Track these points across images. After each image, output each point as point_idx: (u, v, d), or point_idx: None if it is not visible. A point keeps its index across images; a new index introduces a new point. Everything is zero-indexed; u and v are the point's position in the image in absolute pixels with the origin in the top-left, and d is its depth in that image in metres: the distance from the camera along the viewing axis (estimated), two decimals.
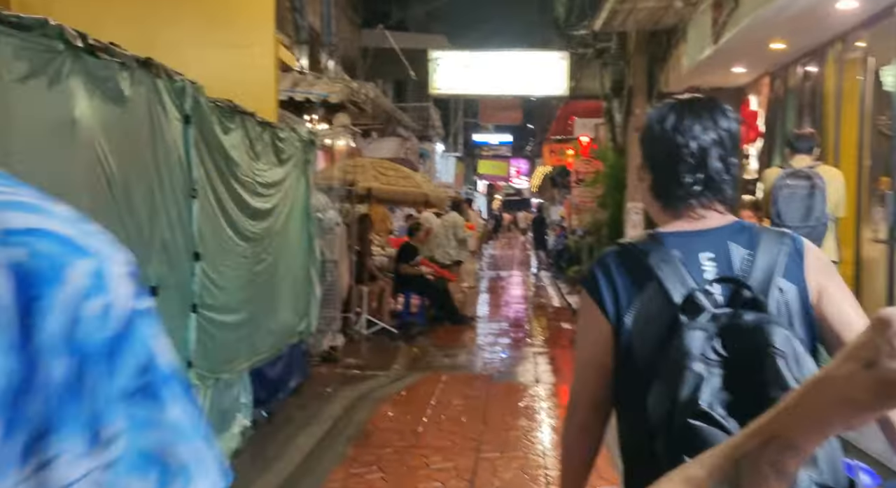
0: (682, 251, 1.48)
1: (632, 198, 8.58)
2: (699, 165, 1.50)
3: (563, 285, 17.23)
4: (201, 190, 4.73)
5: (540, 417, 6.18)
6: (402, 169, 10.09)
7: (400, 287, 10.98)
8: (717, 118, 1.51)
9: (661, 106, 1.56)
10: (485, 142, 36.80)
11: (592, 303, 1.51)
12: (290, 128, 7.01)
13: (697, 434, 1.27)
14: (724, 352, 1.33)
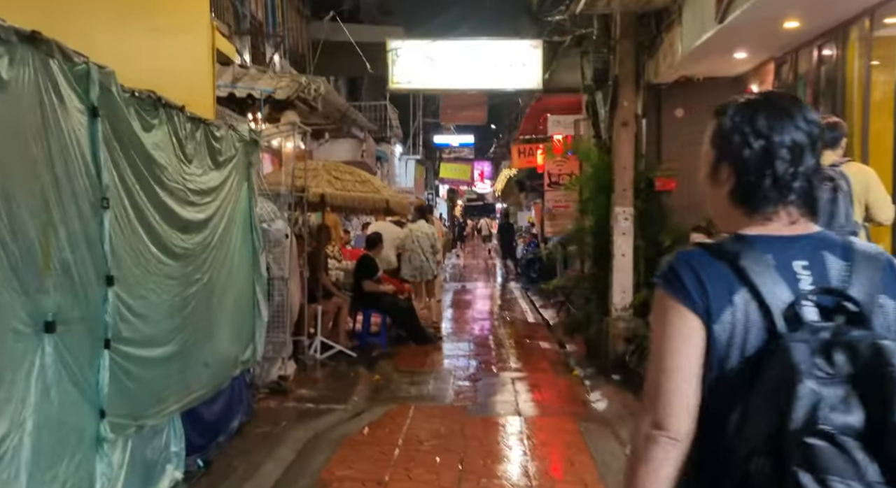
0: (775, 257, 1.48)
1: (620, 203, 8.08)
2: (794, 166, 1.50)
3: (535, 298, 16.75)
4: (114, 198, 4.07)
5: (526, 460, 5.61)
6: (359, 172, 9.48)
7: (359, 304, 10.34)
8: (807, 115, 1.52)
9: (741, 103, 1.58)
10: (446, 143, 36.29)
11: (678, 304, 1.47)
12: (229, 125, 6.36)
13: (817, 454, 1.28)
14: (835, 368, 1.34)
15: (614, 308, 8.20)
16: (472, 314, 14.39)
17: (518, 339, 11.16)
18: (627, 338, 8.03)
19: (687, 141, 8.52)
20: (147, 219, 4.56)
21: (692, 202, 8.37)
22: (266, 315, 7.13)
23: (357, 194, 8.71)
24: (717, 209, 1.65)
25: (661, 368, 1.48)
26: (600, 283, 8.60)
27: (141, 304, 4.44)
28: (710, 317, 1.45)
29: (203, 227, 5.63)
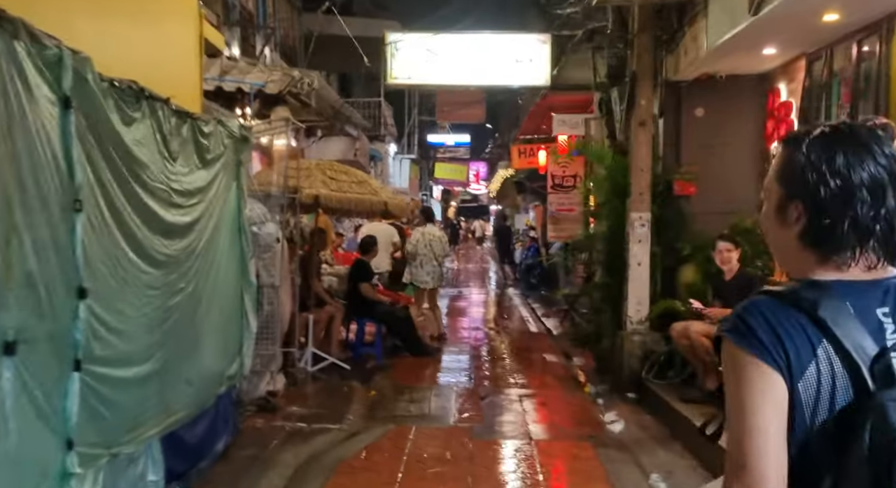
0: (855, 305, 1.42)
1: (636, 208, 7.76)
2: (875, 207, 1.42)
3: (536, 305, 16.43)
4: (89, 200, 3.71)
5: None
6: (356, 172, 9.13)
7: (352, 313, 9.99)
8: (886, 149, 1.45)
9: (815, 135, 1.47)
10: (440, 142, 35.90)
11: (755, 359, 1.39)
12: (217, 120, 6.00)
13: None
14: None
15: (629, 321, 7.87)
16: (471, 323, 14.05)
17: (521, 351, 10.83)
18: (643, 353, 7.70)
19: (707, 142, 8.25)
20: (126, 223, 4.20)
21: (712, 208, 8.10)
22: (255, 326, 6.77)
23: (354, 196, 8.36)
24: (782, 250, 1.54)
25: (745, 429, 1.38)
26: (613, 294, 8.27)
27: (117, 319, 4.08)
28: (791, 374, 1.38)
29: (188, 232, 5.28)
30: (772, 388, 1.38)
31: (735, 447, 1.39)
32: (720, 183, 8.13)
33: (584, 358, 9.67)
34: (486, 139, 49.35)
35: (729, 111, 8.14)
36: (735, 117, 8.14)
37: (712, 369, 6.56)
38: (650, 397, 7.29)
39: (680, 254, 8.05)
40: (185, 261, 5.20)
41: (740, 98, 8.04)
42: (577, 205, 15.16)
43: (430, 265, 10.89)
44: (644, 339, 7.74)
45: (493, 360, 10.02)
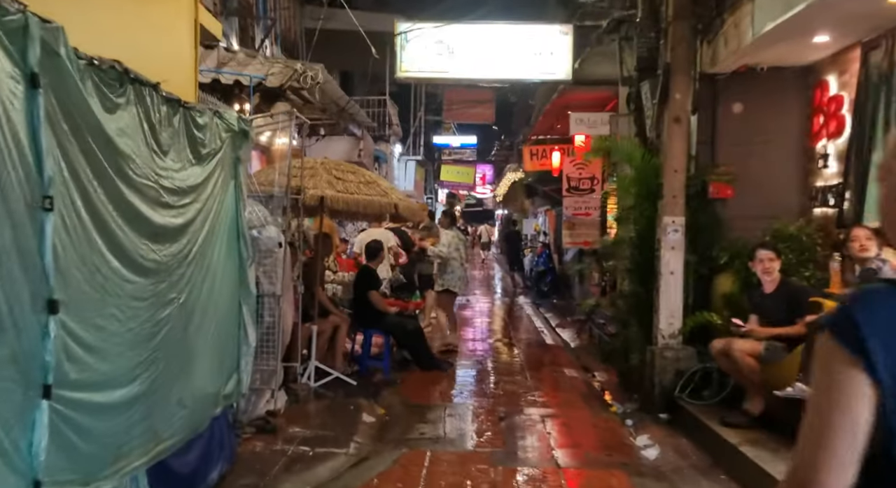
0: None
1: (669, 212, 7.28)
2: None
3: (549, 315, 15.94)
4: (61, 197, 3.26)
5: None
6: (364, 172, 8.65)
7: (358, 323, 9.52)
8: None
9: None
10: (446, 144, 35.40)
11: (852, 361, 1.28)
12: (214, 111, 5.54)
13: None
14: None
15: (660, 335, 7.39)
16: (483, 333, 13.56)
17: (538, 365, 10.33)
18: (676, 370, 7.21)
19: (745, 140, 7.78)
20: (106, 225, 3.73)
21: (751, 212, 7.63)
22: (254, 339, 6.31)
23: (362, 197, 7.89)
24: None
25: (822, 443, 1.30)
26: (642, 305, 7.79)
27: (96, 336, 3.62)
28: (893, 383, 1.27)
29: (180, 235, 4.82)
30: (863, 402, 1.28)
31: (805, 458, 1.31)
32: (759, 185, 7.66)
33: (607, 373, 9.20)
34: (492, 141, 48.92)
35: (770, 106, 7.68)
36: (777, 113, 7.68)
37: (758, 392, 6.09)
38: (685, 419, 6.81)
39: (716, 262, 7.58)
40: (177, 269, 4.74)
41: (783, 92, 7.58)
42: (594, 210, 14.73)
43: (460, 269, 10.94)
44: (677, 355, 7.26)
45: (509, 375, 9.53)
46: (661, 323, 7.40)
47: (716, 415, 6.44)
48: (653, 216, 7.64)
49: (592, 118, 13.00)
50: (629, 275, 8.10)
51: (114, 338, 3.79)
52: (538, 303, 18.52)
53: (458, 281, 10.97)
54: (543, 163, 18.40)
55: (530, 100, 25.24)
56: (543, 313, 16.46)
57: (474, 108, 23.07)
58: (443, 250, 10.86)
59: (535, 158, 18.59)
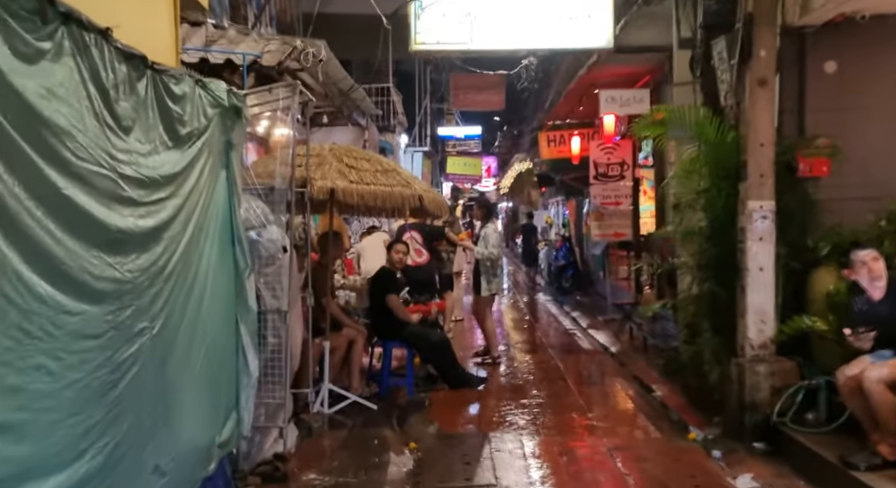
0: None
1: (755, 195, 6.04)
2: None
3: (576, 314, 14.67)
4: None
5: None
6: (380, 159, 7.36)
7: (377, 335, 8.26)
8: None
9: None
10: (450, 135, 34.01)
11: None
12: (196, 79, 4.27)
13: None
14: None
15: (749, 344, 6.12)
16: (510, 338, 12.28)
17: (583, 377, 9.08)
18: (773, 388, 5.94)
19: (841, 106, 6.53)
20: (25, 233, 2.46)
21: (848, 193, 6.39)
22: (256, 367, 5.07)
23: (380, 188, 6.61)
24: None
25: None
26: (719, 308, 6.53)
27: (13, 402, 2.36)
28: None
29: (152, 241, 3.56)
30: None
31: None
32: (859, 160, 6.40)
33: (666, 386, 7.94)
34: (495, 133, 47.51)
35: (872, 65, 6.42)
36: (882, 73, 6.42)
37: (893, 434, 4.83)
38: (793, 451, 5.55)
39: (812, 254, 6.31)
40: (148, 288, 3.49)
41: (889, 47, 6.30)
42: (624, 198, 13.46)
43: (500, 270, 10.10)
44: (772, 369, 5.99)
45: (552, 391, 8.27)
46: (748, 330, 6.13)
47: (833, 448, 5.19)
48: (731, 201, 6.38)
49: (626, 95, 11.70)
50: (700, 272, 6.82)
51: (42, 401, 2.53)
52: (560, 300, 17.26)
53: (503, 282, 9.98)
54: (562, 150, 17.07)
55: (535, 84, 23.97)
56: (569, 312, 15.20)
57: (483, 93, 21.77)
58: (494, 251, 9.63)
59: (553, 145, 17.26)
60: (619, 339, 11.33)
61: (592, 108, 14.62)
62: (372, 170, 6.85)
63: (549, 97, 18.13)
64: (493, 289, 9.76)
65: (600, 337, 11.80)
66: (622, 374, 9.08)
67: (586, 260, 18.92)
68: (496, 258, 9.69)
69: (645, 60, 10.82)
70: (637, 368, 9.17)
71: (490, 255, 9.64)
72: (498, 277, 9.85)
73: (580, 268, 18.67)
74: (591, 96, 13.46)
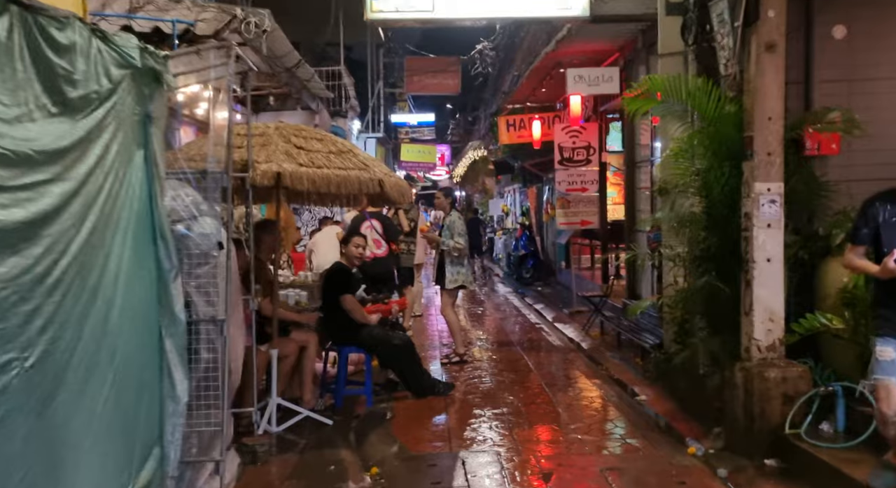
0: None
1: (762, 176, 5.29)
2: None
3: (539, 306, 13.91)
4: None
5: None
6: (333, 138, 6.38)
7: (332, 339, 7.34)
8: None
9: None
10: (403, 122, 33.02)
11: None
12: (91, 27, 3.31)
13: None
14: None
15: (756, 346, 5.36)
16: (473, 334, 11.45)
17: (558, 379, 8.27)
18: (785, 396, 5.19)
19: (852, 77, 5.78)
20: None
21: (861, 173, 5.71)
22: (185, 390, 4.15)
23: (334, 172, 5.67)
24: None
25: None
26: (719, 305, 5.76)
27: None
28: None
29: (23, 241, 2.62)
30: None
31: None
32: (870, 137, 5.66)
33: (651, 390, 7.19)
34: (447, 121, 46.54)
35: (888, 29, 5.66)
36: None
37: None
38: (811, 469, 4.80)
39: (823, 243, 5.59)
40: (18, 305, 2.55)
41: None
42: (591, 184, 12.70)
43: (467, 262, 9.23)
44: (783, 375, 5.24)
45: (528, 396, 7.46)
46: (755, 330, 5.37)
47: (857, 467, 4.45)
48: (733, 183, 5.62)
49: (594, 74, 10.92)
50: (696, 264, 6.04)
51: None
52: (522, 291, 16.50)
53: (469, 274, 9.25)
54: (522, 135, 16.25)
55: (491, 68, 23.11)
56: (532, 304, 14.43)
57: (437, 77, 20.85)
58: (461, 241, 8.86)
59: (513, 129, 16.41)
60: (589, 334, 10.57)
61: (555, 90, 13.86)
62: (325, 152, 5.91)
63: (509, 79, 17.29)
64: (460, 280, 8.95)
65: (569, 331, 11.04)
66: (599, 375, 8.30)
67: (547, 249, 18.20)
68: (462, 247, 8.87)
69: (616, 34, 10.03)
70: (614, 368, 8.41)
71: (457, 245, 8.85)
72: (465, 268, 9.03)
73: (541, 258, 17.92)
74: (554, 77, 12.67)
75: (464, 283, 9.06)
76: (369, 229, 9.72)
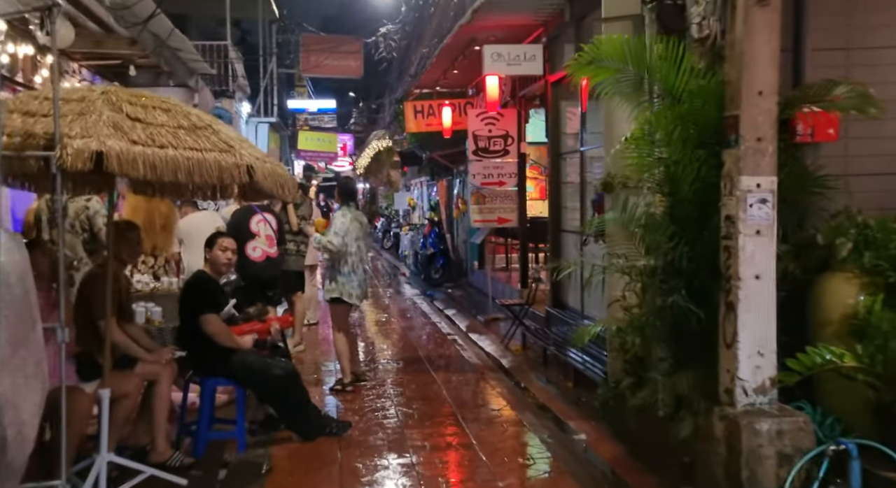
0: None
1: (749, 168, 4.16)
2: None
3: (451, 312, 12.65)
4: None
5: None
6: (188, 110, 4.79)
7: (192, 369, 5.84)
8: None
9: None
10: (301, 109, 31.22)
11: None
12: None
13: None
14: None
15: (741, 388, 4.20)
16: (374, 347, 10.06)
17: (477, 412, 6.95)
18: (781, 454, 4.03)
19: (851, 45, 4.68)
20: None
21: (863, 166, 4.62)
22: None
23: (183, 154, 4.17)
24: None
25: None
26: (690, 332, 4.58)
27: None
28: None
29: None
30: None
31: None
32: (877, 120, 4.56)
33: (590, 426, 6.02)
34: (350, 108, 44.86)
35: None
36: None
37: None
38: None
39: (821, 254, 4.46)
40: None
41: None
42: (508, 177, 11.49)
43: (361, 269, 7.64)
44: (779, 427, 4.07)
45: (444, 439, 6.14)
46: (739, 366, 4.20)
47: None
48: (708, 178, 4.44)
49: (515, 52, 9.69)
50: (657, 279, 4.82)
51: None
52: (431, 293, 15.20)
53: (356, 287, 7.55)
54: (431, 123, 14.94)
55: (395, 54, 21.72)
56: (443, 309, 13.15)
57: (338, 58, 19.27)
58: (333, 240, 7.38)
59: (421, 117, 15.08)
60: (510, 348, 9.36)
61: (468, 72, 12.61)
62: (172, 126, 4.40)
63: (416, 60, 15.94)
64: (338, 292, 7.51)
65: (486, 344, 9.80)
66: (525, 403, 7.08)
67: (458, 247, 16.97)
68: (337, 251, 7.41)
69: (540, 5, 8.84)
70: (541, 394, 7.21)
71: (329, 245, 7.42)
72: (344, 277, 7.49)
73: (452, 257, 16.67)
74: (468, 56, 11.41)
75: (342, 297, 7.52)
76: (262, 223, 8.18)
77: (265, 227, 8.07)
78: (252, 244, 7.86)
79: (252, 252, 7.85)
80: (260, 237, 7.93)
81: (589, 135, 8.53)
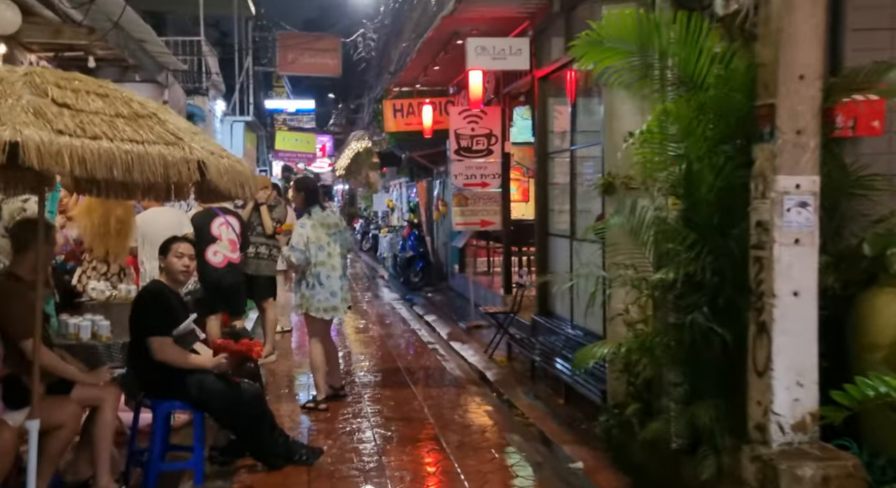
0: None
1: (789, 167, 3.49)
2: None
3: (431, 318, 11.93)
4: None
5: None
6: (130, 96, 4.04)
7: (144, 391, 5.08)
8: None
9: None
10: (279, 109, 30.35)
11: None
12: None
13: None
14: None
15: (776, 424, 3.52)
16: (350, 358, 9.32)
17: (463, 435, 6.19)
18: None
19: None
20: None
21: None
22: None
23: (120, 147, 3.42)
24: None
25: None
26: (714, 357, 3.89)
27: None
28: None
29: None
30: None
31: None
32: None
33: (587, 449, 5.34)
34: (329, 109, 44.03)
35: None
36: None
37: None
38: None
39: (865, 267, 3.80)
40: None
41: None
42: (492, 178, 10.79)
43: (336, 277, 6.78)
44: (824, 471, 3.39)
45: (426, 470, 5.43)
46: (775, 399, 3.52)
47: None
48: (732, 177, 3.76)
49: (500, 45, 9.00)
50: (673, 294, 4.13)
51: None
52: (410, 298, 14.47)
53: (323, 300, 6.74)
54: (411, 123, 14.24)
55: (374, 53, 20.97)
56: (423, 315, 12.43)
57: (316, 56, 18.50)
58: (292, 257, 6.65)
59: (401, 116, 14.38)
60: (494, 359, 8.66)
61: (450, 69, 11.91)
62: (108, 114, 3.65)
63: (396, 56, 15.21)
64: (304, 308, 6.79)
65: (469, 354, 9.09)
66: (513, 424, 6.38)
67: (438, 250, 16.26)
68: (298, 264, 6.69)
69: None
70: (530, 412, 6.53)
71: (289, 257, 6.73)
72: (310, 290, 6.73)
73: (431, 261, 15.96)
74: (450, 51, 10.71)
75: (308, 312, 6.77)
76: (225, 226, 7.45)
77: (227, 231, 7.34)
78: (213, 248, 7.15)
79: (213, 257, 7.16)
80: (222, 241, 7.22)
81: (579, 134, 7.87)
